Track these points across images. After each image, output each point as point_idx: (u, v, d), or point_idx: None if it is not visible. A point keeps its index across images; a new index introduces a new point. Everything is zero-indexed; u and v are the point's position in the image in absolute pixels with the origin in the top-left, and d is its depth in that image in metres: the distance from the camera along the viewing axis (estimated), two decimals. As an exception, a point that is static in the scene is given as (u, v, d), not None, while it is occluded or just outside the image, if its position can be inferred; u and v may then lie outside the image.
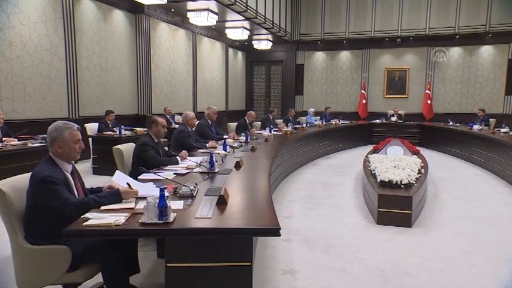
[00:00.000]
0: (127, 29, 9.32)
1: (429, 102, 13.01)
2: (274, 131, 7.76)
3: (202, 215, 2.29)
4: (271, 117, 9.02)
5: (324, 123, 10.57)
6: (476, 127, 9.21)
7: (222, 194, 2.58)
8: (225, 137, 6.36)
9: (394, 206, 4.36)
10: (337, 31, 13.72)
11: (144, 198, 2.26)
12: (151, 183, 2.95)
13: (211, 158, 3.65)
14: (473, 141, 8.47)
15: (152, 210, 2.13)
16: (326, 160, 8.78)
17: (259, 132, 7.74)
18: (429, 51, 13.21)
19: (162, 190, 2.16)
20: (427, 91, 13.05)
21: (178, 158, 4.04)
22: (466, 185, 6.49)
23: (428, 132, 11.04)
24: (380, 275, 3.16)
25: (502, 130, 8.28)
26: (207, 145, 5.27)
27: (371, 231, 4.19)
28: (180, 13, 10.13)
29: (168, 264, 2.11)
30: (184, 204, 2.51)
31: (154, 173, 3.27)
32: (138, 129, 7.58)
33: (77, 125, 2.50)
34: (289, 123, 9.23)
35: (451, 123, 10.55)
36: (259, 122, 9.07)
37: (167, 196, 2.20)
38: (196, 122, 5.61)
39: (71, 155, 2.45)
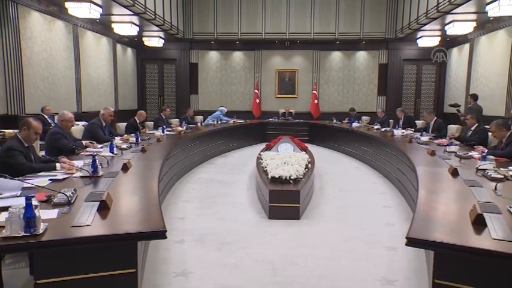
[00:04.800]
0: (-12, 17, 8.07)
1: (316, 101, 14.02)
2: (167, 130, 7.54)
3: (81, 222, 2.11)
4: (164, 117, 8.75)
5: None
6: (355, 124, 10.22)
7: (104, 198, 2.40)
8: (117, 138, 5.99)
9: (284, 200, 4.58)
10: (230, 31, 13.93)
11: (6, 209, 1.97)
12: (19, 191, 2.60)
13: (94, 161, 3.37)
14: (353, 137, 9.37)
15: (16, 222, 1.89)
16: (222, 159, 8.85)
17: (152, 132, 7.45)
18: (314, 54, 14.24)
19: (28, 198, 1.91)
20: (314, 91, 14.04)
21: (58, 164, 3.59)
22: (347, 178, 7.14)
23: (315, 129, 11.92)
24: (270, 267, 3.27)
25: (375, 127, 9.37)
26: (83, 143, 4.89)
27: (263, 226, 4.34)
28: (57, 3, 9.14)
29: (37, 281, 1.89)
30: (60, 212, 2.27)
31: (23, 180, 2.88)
32: (7, 131, 6.64)
33: None
34: (183, 123, 9.06)
35: (334, 121, 11.54)
36: (152, 122, 8.73)
37: (36, 205, 1.96)
38: (72, 125, 5.07)
39: None
